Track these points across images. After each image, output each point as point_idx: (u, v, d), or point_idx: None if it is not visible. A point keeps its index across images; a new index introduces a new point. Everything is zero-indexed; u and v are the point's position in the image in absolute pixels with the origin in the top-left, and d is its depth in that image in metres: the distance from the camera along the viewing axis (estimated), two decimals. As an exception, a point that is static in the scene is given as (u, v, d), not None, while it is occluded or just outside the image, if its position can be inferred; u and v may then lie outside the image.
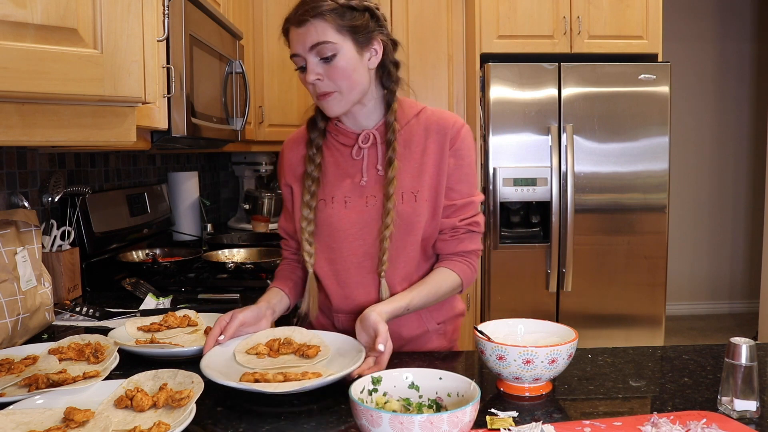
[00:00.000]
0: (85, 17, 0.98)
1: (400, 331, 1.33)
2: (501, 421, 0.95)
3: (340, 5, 1.19)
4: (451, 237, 1.32)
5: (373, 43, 1.24)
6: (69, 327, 1.55)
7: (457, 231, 1.31)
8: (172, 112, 1.71)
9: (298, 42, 1.21)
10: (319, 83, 1.22)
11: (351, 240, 1.30)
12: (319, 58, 1.20)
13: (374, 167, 1.30)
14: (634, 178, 3.20)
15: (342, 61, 1.20)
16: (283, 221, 1.46)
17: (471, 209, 1.31)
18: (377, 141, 1.31)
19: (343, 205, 1.30)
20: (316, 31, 1.18)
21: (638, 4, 3.24)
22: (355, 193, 1.30)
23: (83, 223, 1.95)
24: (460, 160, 1.30)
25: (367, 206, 1.29)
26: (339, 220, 1.30)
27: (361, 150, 1.31)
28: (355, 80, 1.22)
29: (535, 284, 3.22)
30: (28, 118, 0.96)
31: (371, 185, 1.30)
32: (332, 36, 1.19)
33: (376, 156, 1.30)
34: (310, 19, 1.18)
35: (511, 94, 3.14)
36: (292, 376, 1.06)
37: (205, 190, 3.48)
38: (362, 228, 1.29)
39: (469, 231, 1.32)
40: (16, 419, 0.92)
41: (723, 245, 5.06)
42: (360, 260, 1.31)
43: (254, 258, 2.30)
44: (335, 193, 1.31)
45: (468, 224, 1.31)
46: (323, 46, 1.19)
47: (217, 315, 1.50)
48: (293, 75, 3.36)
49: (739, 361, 0.97)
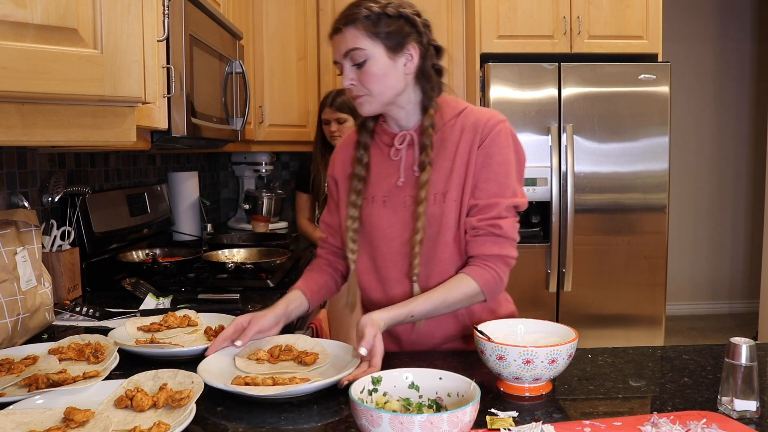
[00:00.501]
0: (85, 17, 0.98)
1: (434, 332, 1.34)
2: (501, 421, 0.95)
3: (374, 13, 1.23)
4: (472, 237, 1.28)
5: (408, 48, 1.26)
6: (69, 327, 1.55)
7: (477, 231, 1.27)
8: (172, 112, 1.71)
9: (336, 49, 1.27)
10: (353, 87, 1.27)
11: (389, 240, 1.32)
12: (352, 64, 1.25)
13: (411, 168, 1.32)
14: (634, 178, 3.20)
15: (374, 66, 1.24)
16: (326, 215, 1.48)
17: (494, 210, 1.26)
18: (414, 142, 1.32)
19: (383, 205, 1.33)
20: (350, 38, 1.24)
21: (638, 4, 3.24)
22: (393, 194, 1.33)
23: (83, 223, 1.95)
24: (488, 159, 1.27)
25: (404, 207, 1.31)
26: (378, 219, 1.33)
27: (398, 151, 1.33)
28: (386, 84, 1.26)
29: (535, 284, 3.22)
30: (28, 118, 0.96)
31: (408, 186, 1.31)
32: (364, 43, 1.23)
33: (413, 157, 1.32)
34: (344, 27, 1.24)
35: (511, 94, 3.14)
36: (280, 381, 1.07)
37: (205, 190, 3.48)
38: (399, 228, 1.31)
39: (491, 234, 1.26)
40: (16, 419, 0.92)
41: (723, 245, 5.06)
42: (396, 258, 1.32)
43: (254, 258, 2.30)
44: (376, 192, 1.34)
45: (489, 225, 1.26)
46: (355, 53, 1.24)
47: (217, 315, 1.50)
48: (293, 75, 3.37)
49: (739, 361, 0.97)
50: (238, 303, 1.71)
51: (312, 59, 3.44)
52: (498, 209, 1.26)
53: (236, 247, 2.42)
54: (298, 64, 3.37)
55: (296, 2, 3.34)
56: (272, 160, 3.65)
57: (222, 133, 2.16)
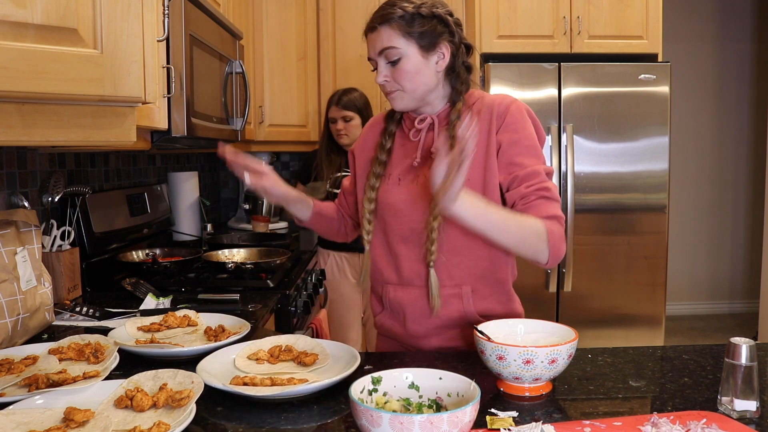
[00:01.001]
0: (85, 17, 0.99)
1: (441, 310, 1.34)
2: (501, 421, 0.95)
3: (408, 13, 1.27)
4: (524, 205, 1.26)
5: (440, 47, 1.30)
6: (69, 327, 1.55)
7: (527, 198, 1.26)
8: (172, 112, 1.71)
9: (371, 46, 1.32)
10: (386, 83, 1.32)
11: (400, 216, 1.36)
12: (386, 61, 1.30)
13: (428, 150, 1.35)
14: (634, 178, 3.20)
15: (407, 64, 1.29)
16: (346, 181, 1.57)
17: (538, 177, 1.27)
18: (435, 125, 1.36)
19: (397, 183, 1.38)
20: (385, 37, 1.29)
21: (638, 4, 3.24)
22: (408, 172, 1.37)
23: (83, 223, 1.95)
24: (514, 134, 1.28)
25: (417, 185, 1.34)
26: (390, 196, 1.38)
27: (418, 132, 1.37)
28: (418, 81, 1.30)
29: (535, 284, 3.22)
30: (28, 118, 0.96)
31: (424, 167, 1.35)
32: (398, 41, 1.28)
33: (432, 140, 1.35)
34: (379, 26, 1.29)
35: (511, 94, 3.13)
36: (278, 381, 1.07)
37: (205, 190, 3.48)
38: (410, 204, 1.35)
39: (543, 197, 1.26)
40: (16, 419, 0.92)
41: (723, 245, 5.06)
42: (407, 234, 1.36)
43: (254, 258, 2.30)
44: (392, 171, 1.40)
45: (537, 189, 1.26)
46: (389, 51, 1.29)
47: (217, 315, 1.50)
48: (293, 75, 3.37)
49: (739, 361, 0.96)
50: (238, 303, 1.71)
51: (312, 59, 3.44)
52: (541, 176, 1.28)
53: (236, 247, 2.42)
54: (298, 64, 3.37)
55: (296, 2, 3.34)
56: (272, 160, 3.65)
57: (222, 133, 2.16)
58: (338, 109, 2.75)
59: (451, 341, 1.39)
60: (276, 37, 3.27)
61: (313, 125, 3.48)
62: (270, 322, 1.83)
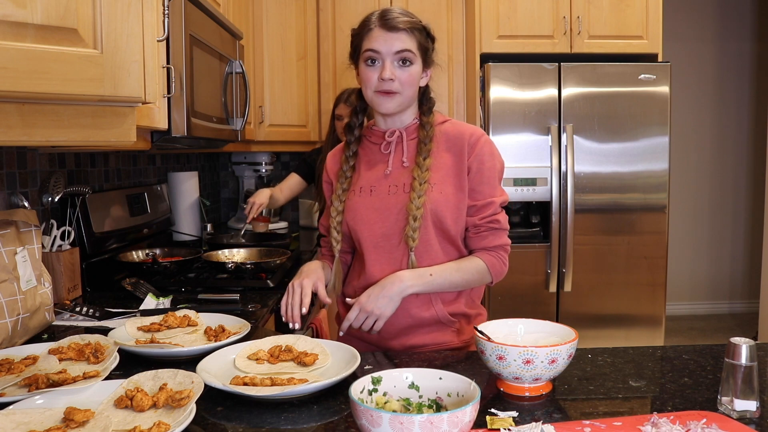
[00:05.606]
0: (85, 17, 0.99)
1: (410, 309, 1.41)
2: (501, 421, 0.96)
3: (426, 29, 1.42)
4: (474, 234, 1.44)
5: (428, 68, 1.46)
6: (69, 327, 1.55)
7: (479, 228, 1.43)
8: (172, 112, 1.71)
9: (384, 43, 1.37)
10: (391, 83, 1.38)
11: (371, 223, 1.44)
12: (399, 62, 1.37)
13: (400, 160, 1.45)
14: (634, 178, 3.20)
15: (414, 71, 1.40)
16: (324, 219, 1.59)
17: (491, 208, 1.43)
18: (403, 139, 1.46)
19: (369, 193, 1.46)
20: (408, 40, 1.37)
21: (638, 4, 3.24)
22: (379, 182, 1.46)
23: (83, 223, 1.95)
24: (480, 165, 1.43)
25: (388, 194, 1.44)
26: (362, 206, 1.45)
27: (389, 145, 1.47)
28: (413, 90, 1.42)
29: (535, 284, 3.22)
30: (28, 118, 0.96)
31: (395, 175, 1.45)
32: (414, 49, 1.39)
33: (402, 151, 1.46)
34: (402, 30, 1.37)
35: (511, 94, 3.14)
36: (278, 381, 1.07)
37: (205, 190, 3.48)
38: (383, 212, 1.43)
39: (491, 228, 1.43)
40: (16, 419, 0.92)
41: (723, 245, 5.06)
42: (377, 240, 1.43)
43: (254, 258, 2.30)
44: (363, 184, 1.47)
45: (488, 222, 1.43)
46: (407, 54, 1.38)
47: (217, 315, 1.50)
48: (293, 75, 3.37)
49: (739, 361, 0.97)
50: (238, 303, 1.71)
51: (312, 59, 3.44)
52: (494, 207, 1.43)
53: (236, 247, 2.42)
54: (298, 64, 3.37)
55: (296, 2, 3.34)
56: (272, 160, 3.65)
57: (222, 133, 2.17)
58: (346, 107, 2.78)
59: (422, 339, 1.43)
60: (276, 37, 3.27)
61: (313, 125, 3.48)
62: (270, 322, 1.83)
